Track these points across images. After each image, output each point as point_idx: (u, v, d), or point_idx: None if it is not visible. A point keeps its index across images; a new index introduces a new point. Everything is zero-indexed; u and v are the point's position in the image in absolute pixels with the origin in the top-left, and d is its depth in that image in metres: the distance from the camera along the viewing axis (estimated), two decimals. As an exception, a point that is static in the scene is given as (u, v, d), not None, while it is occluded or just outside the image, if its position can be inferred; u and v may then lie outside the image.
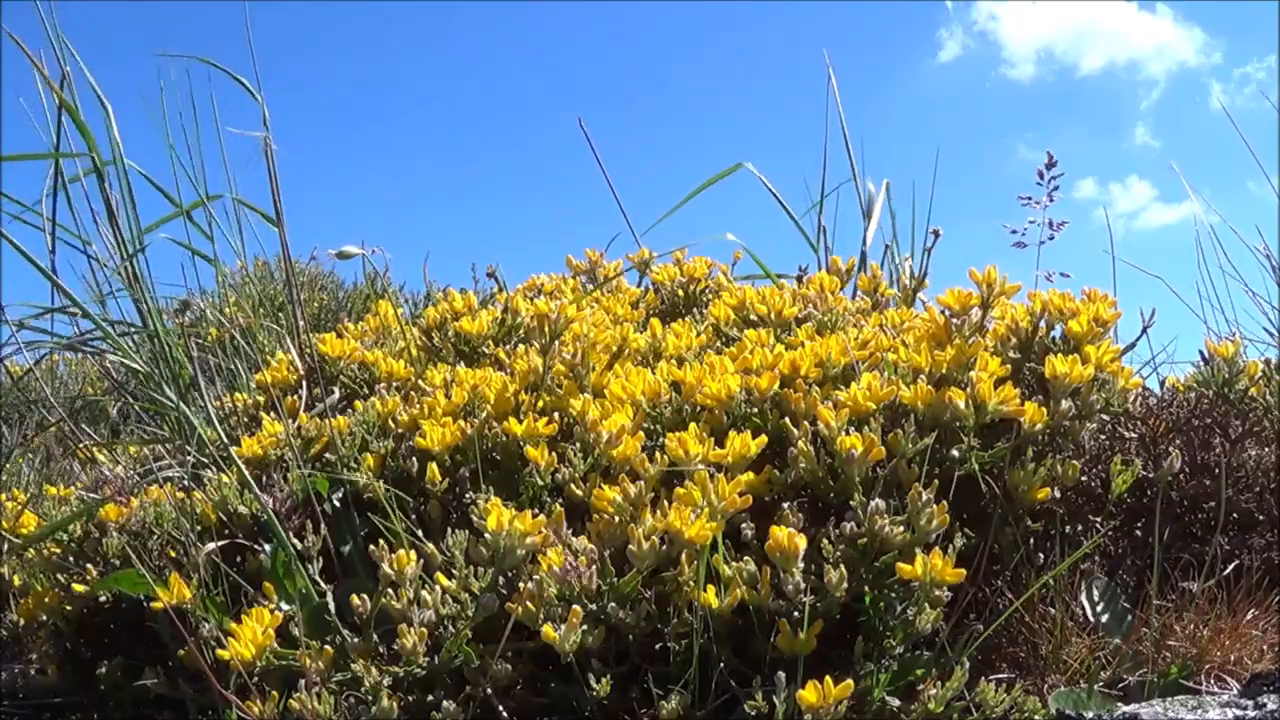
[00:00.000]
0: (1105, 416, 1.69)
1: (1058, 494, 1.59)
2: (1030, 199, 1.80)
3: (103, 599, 1.77)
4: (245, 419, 2.12)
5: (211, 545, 1.60)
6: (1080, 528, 1.66)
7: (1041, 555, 1.61)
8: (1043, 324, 1.74)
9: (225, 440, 1.75)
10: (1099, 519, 1.66)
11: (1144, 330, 1.81)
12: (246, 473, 1.64)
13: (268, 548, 1.62)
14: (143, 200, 2.34)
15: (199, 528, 1.70)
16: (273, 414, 1.96)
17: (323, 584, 1.52)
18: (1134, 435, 1.75)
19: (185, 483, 1.83)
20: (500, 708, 1.37)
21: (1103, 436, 1.75)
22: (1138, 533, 1.73)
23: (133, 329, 2.26)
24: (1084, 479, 1.65)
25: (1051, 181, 1.80)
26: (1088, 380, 1.60)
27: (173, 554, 1.71)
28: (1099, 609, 1.58)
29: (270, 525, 1.57)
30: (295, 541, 1.54)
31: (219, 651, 1.38)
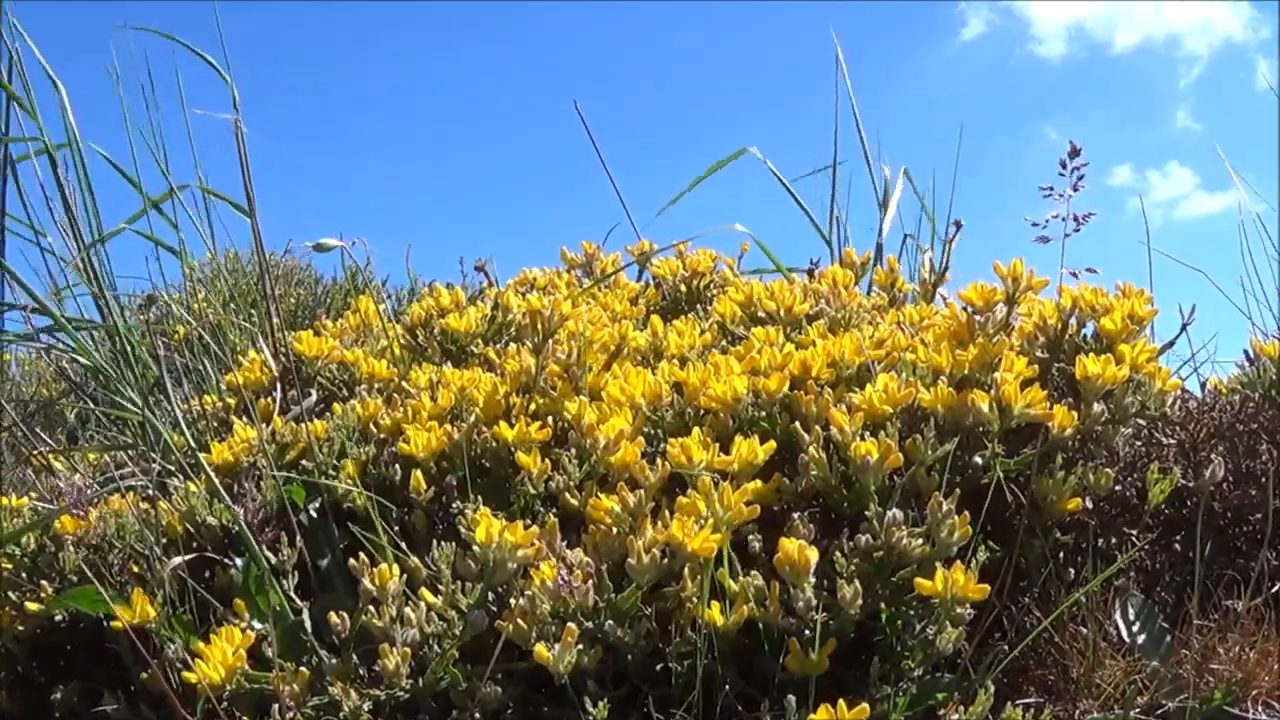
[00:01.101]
0: (1141, 421, 1.70)
1: (1089, 504, 1.60)
2: (1052, 190, 1.80)
3: (59, 618, 1.78)
4: (215, 423, 2.13)
5: (178, 559, 1.61)
6: (1114, 541, 1.67)
7: (1072, 570, 1.62)
8: (1073, 321, 1.75)
9: (193, 446, 1.76)
10: (1134, 532, 1.66)
11: (1183, 328, 1.82)
12: (216, 481, 1.65)
13: (239, 562, 1.63)
14: (103, 187, 2.35)
15: (164, 540, 1.71)
16: (244, 418, 1.97)
17: (298, 601, 1.53)
18: (1172, 441, 1.76)
19: (149, 492, 1.83)
20: (489, 733, 1.38)
21: (1138, 442, 1.76)
22: (1177, 547, 1.73)
23: (90, 325, 2.27)
24: (1118, 488, 1.66)
25: (1076, 171, 1.81)
26: (1122, 381, 1.61)
27: (135, 569, 1.72)
28: (1135, 629, 1.58)
29: (242, 537, 1.58)
30: (269, 555, 1.55)
31: (185, 674, 1.39)
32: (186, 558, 1.63)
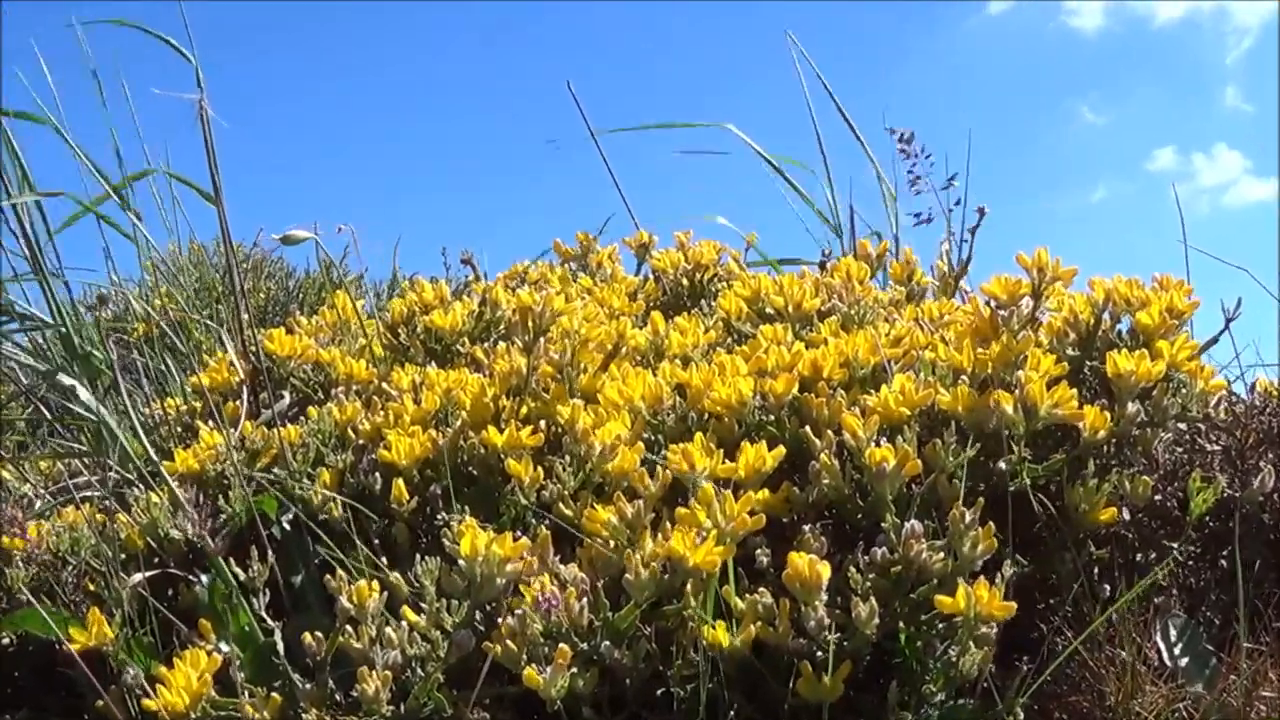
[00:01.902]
0: (1182, 424, 1.70)
1: (1126, 515, 1.60)
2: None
3: (5, 641, 1.78)
4: (178, 429, 2.13)
5: (138, 576, 1.61)
6: (1153, 556, 1.66)
7: (1107, 587, 1.61)
8: (1106, 316, 1.75)
9: (154, 453, 1.76)
10: (1176, 545, 1.66)
11: (1227, 324, 1.81)
12: (180, 491, 1.65)
13: (204, 579, 1.63)
14: (55, 174, 2.35)
15: (123, 556, 1.71)
16: (211, 423, 1.97)
17: (269, 620, 1.53)
18: (1217, 447, 1.75)
19: (107, 503, 1.83)
20: (476, 763, 1.38)
21: (1179, 449, 1.75)
22: (1223, 563, 1.72)
23: (41, 324, 2.26)
24: (1157, 498, 1.66)
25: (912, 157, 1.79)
26: (1159, 379, 1.61)
27: (91, 587, 1.72)
28: (1177, 651, 1.58)
29: (207, 552, 1.58)
30: (237, 571, 1.55)
31: (145, 702, 1.38)
32: (147, 574, 1.63)
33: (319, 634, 1.43)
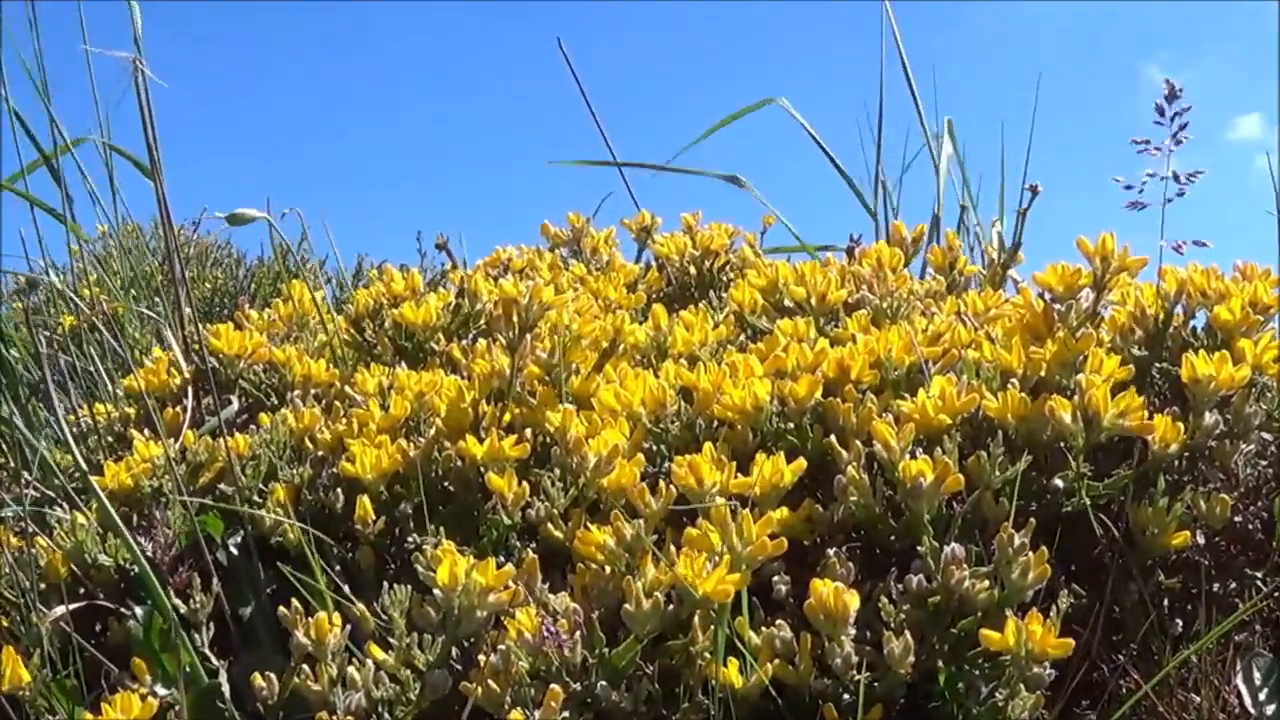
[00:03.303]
0: (1266, 434, 1.70)
1: (1200, 539, 1.60)
2: (1148, 144, 1.77)
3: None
4: (110, 438, 2.13)
5: (60, 609, 1.61)
6: (1233, 585, 1.67)
7: (1179, 622, 1.62)
8: (1179, 310, 1.75)
9: (82, 466, 1.77)
10: (1259, 574, 1.66)
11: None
12: (111, 510, 1.66)
13: (139, 611, 1.63)
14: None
15: (43, 586, 1.71)
16: (147, 431, 1.97)
17: (214, 659, 1.54)
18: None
19: (24, 525, 1.83)
20: (451, 822, 1.38)
21: (1263, 462, 1.75)
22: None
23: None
24: (1237, 519, 1.66)
25: (1177, 119, 1.78)
26: (1242, 385, 1.62)
27: (4, 622, 1.72)
28: (1262, 697, 1.58)
29: (144, 580, 1.58)
30: (178, 602, 1.55)
31: (72, 751, 1.39)
32: (72, 607, 1.63)
33: (271, 674, 1.44)
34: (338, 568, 1.67)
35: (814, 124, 2.95)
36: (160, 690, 1.50)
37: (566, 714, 1.33)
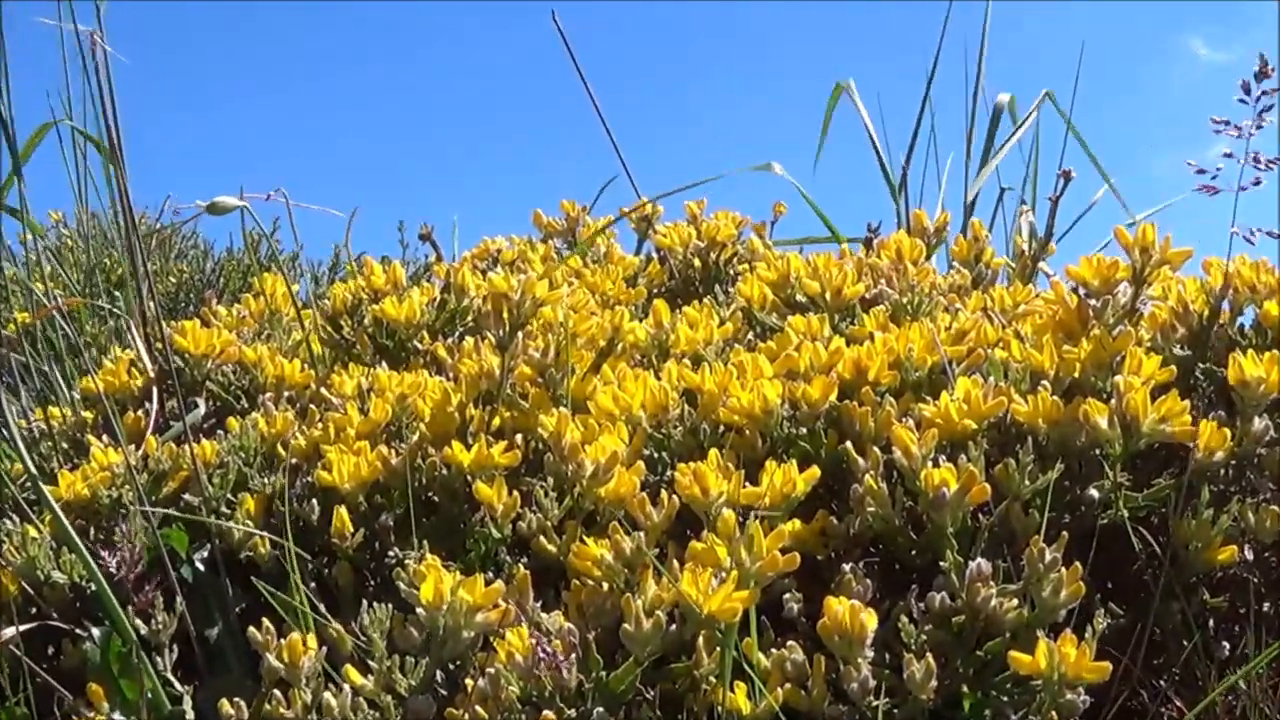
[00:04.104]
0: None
1: (1249, 555, 1.60)
2: (1227, 124, 1.75)
3: None
4: (65, 444, 2.13)
5: (10, 631, 1.61)
6: (1284, 605, 1.67)
7: (1226, 644, 1.62)
8: (1225, 306, 1.75)
9: (35, 475, 1.77)
10: (1312, 592, 1.66)
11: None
12: (66, 523, 1.66)
13: (96, 632, 1.63)
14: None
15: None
16: (106, 437, 1.97)
17: (178, 684, 1.54)
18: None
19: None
20: None
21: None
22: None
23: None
24: (1288, 533, 1.66)
25: (1262, 99, 1.76)
26: (1294, 389, 1.61)
27: (-51, 645, 1.72)
28: (1313, 725, 1.58)
29: (101, 599, 1.58)
30: (138, 623, 1.55)
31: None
32: (23, 628, 1.63)
33: (240, 700, 1.43)
34: (313, 585, 1.67)
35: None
36: (119, 718, 1.50)
37: (560, 743, 1.33)
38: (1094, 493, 1.55)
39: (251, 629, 1.46)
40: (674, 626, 1.37)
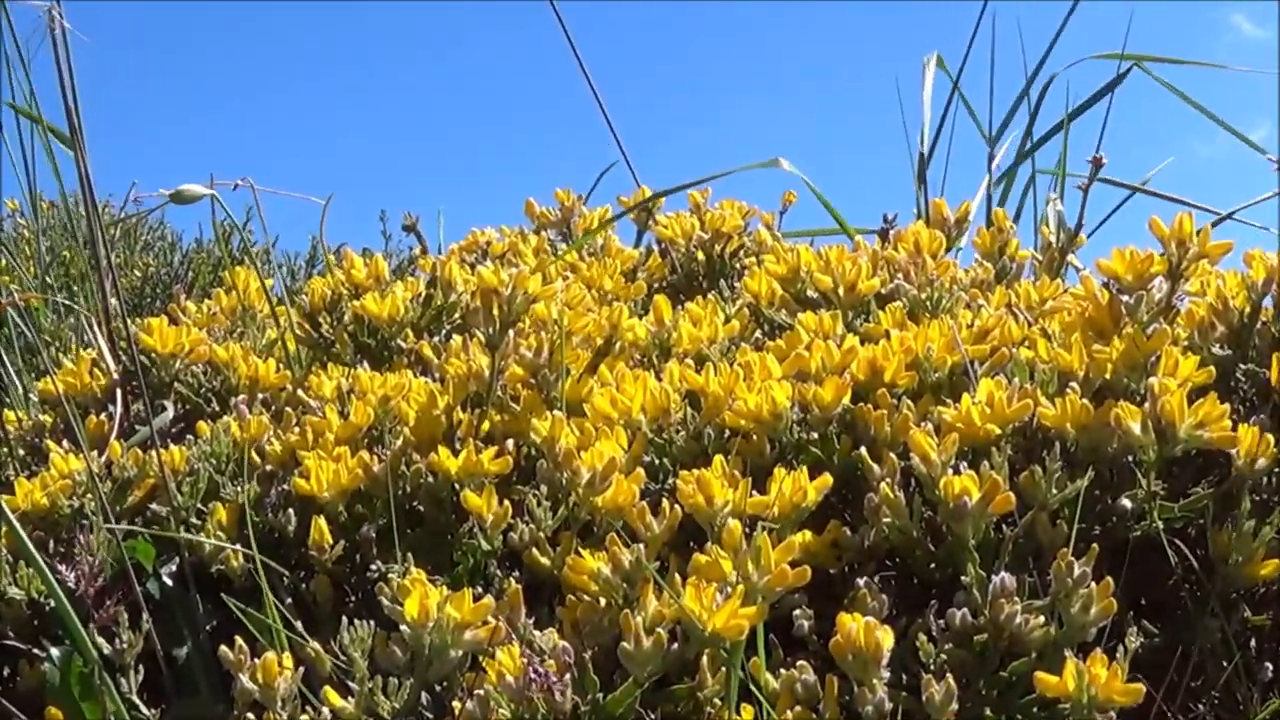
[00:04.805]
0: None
1: (1293, 569, 1.60)
2: None
3: None
4: (22, 450, 2.14)
5: (-37, 651, 1.61)
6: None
7: (1269, 665, 1.62)
8: (1268, 303, 1.75)
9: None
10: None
11: None
12: (23, 535, 1.66)
13: (55, 652, 1.63)
14: None
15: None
16: (67, 443, 1.97)
17: (144, 707, 1.54)
18: None
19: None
20: None
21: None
22: None
23: None
24: (1335, 546, 1.66)
25: None
26: (1340, 392, 1.62)
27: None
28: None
29: (61, 616, 1.58)
30: (101, 641, 1.55)
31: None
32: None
33: (211, 723, 1.44)
34: (289, 600, 1.67)
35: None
36: (81, 743, 1.51)
37: (554, 770, 1.33)
38: (1126, 503, 1.55)
39: (223, 648, 1.46)
40: (676, 645, 1.37)
